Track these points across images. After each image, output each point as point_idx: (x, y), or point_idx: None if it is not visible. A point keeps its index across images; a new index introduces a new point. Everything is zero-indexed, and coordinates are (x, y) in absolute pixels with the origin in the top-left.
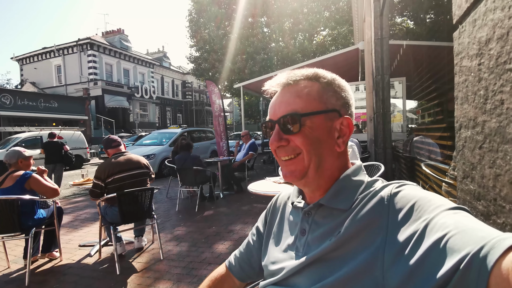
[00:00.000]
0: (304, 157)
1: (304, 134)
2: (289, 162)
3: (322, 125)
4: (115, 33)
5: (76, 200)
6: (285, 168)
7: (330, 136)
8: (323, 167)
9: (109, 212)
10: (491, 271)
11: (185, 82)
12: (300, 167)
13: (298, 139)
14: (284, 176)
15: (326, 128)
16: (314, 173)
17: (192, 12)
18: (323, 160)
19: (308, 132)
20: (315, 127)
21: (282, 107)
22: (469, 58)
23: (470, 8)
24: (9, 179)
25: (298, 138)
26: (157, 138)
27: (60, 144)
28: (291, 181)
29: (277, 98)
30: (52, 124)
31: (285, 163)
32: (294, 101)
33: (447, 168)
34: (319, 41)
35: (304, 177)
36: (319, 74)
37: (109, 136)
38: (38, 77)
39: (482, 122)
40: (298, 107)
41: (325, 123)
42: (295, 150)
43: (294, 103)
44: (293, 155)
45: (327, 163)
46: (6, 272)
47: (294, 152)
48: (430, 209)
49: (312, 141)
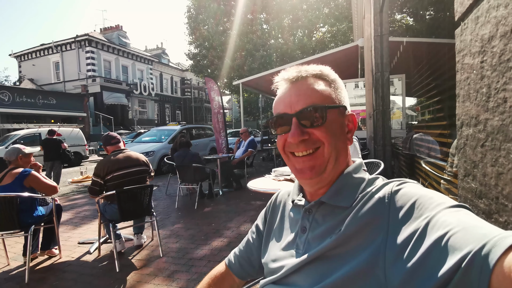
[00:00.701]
0: (324, 150)
1: (327, 126)
2: (307, 158)
3: (337, 119)
4: (113, 30)
5: (75, 197)
6: (302, 164)
7: (343, 131)
8: (339, 162)
9: (108, 209)
10: (493, 270)
11: (184, 79)
12: (320, 162)
13: (320, 132)
14: (301, 173)
15: (340, 123)
16: (332, 168)
17: (191, 9)
18: (339, 154)
19: (329, 125)
20: (333, 120)
21: (301, 100)
22: (471, 56)
23: (473, 5)
24: (8, 176)
25: (320, 131)
26: (156, 135)
27: (58, 142)
28: (308, 178)
29: (289, 91)
30: (50, 121)
31: (302, 159)
32: (312, 95)
33: (445, 165)
34: (318, 37)
35: (323, 173)
36: (325, 72)
37: (108, 133)
38: (36, 74)
39: (485, 120)
40: (319, 100)
41: (339, 118)
42: (315, 144)
43: (314, 96)
44: (312, 149)
45: (341, 157)
46: (5, 269)
47: (314, 145)
48: (431, 207)
49: (332, 134)
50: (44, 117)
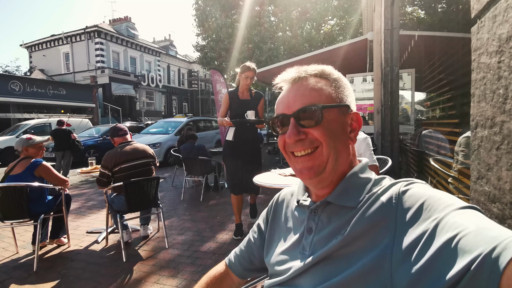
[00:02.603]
0: (323, 150)
1: (324, 126)
2: (306, 158)
3: (337, 119)
4: (122, 21)
5: (84, 187)
6: (301, 164)
7: (344, 130)
8: (339, 162)
9: (115, 200)
10: (503, 273)
11: (191, 71)
12: (319, 161)
13: (317, 132)
14: (300, 173)
15: (341, 122)
16: (331, 168)
17: (199, 0)
18: (339, 154)
19: (327, 124)
20: (332, 120)
21: (297, 100)
22: (488, 55)
23: (490, 2)
24: (19, 166)
25: (317, 130)
26: (163, 126)
27: (68, 132)
28: (307, 178)
29: (289, 92)
30: (60, 112)
31: (301, 159)
32: (310, 94)
33: (452, 162)
34: (327, 30)
35: (322, 173)
36: (326, 71)
37: (116, 124)
38: (46, 65)
39: (501, 122)
40: (316, 100)
41: (339, 117)
42: (313, 144)
43: (311, 96)
44: (310, 149)
45: (342, 157)
46: (14, 257)
47: (312, 145)
48: (440, 208)
49: (330, 134)
50: (54, 107)
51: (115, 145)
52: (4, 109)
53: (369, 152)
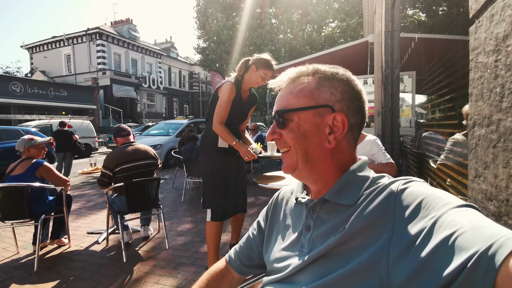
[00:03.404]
0: (292, 152)
1: (291, 129)
2: (284, 155)
3: (309, 120)
4: (123, 23)
5: (84, 188)
6: (283, 160)
7: (319, 131)
8: (313, 162)
9: (116, 201)
10: (499, 270)
11: (192, 73)
12: (291, 160)
13: (286, 134)
14: (282, 169)
15: (315, 124)
16: (304, 167)
17: (200, 3)
18: (310, 155)
19: (295, 127)
20: (302, 122)
21: (278, 102)
22: (485, 54)
23: (488, 2)
24: (20, 167)
25: (285, 132)
26: (164, 128)
27: (70, 133)
28: (285, 173)
29: (278, 94)
30: (61, 113)
31: (282, 156)
32: (286, 98)
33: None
34: (327, 33)
35: (296, 170)
36: (318, 70)
37: (119, 125)
38: (48, 66)
39: (497, 120)
40: (288, 103)
41: (313, 119)
42: (285, 144)
43: (286, 99)
44: (286, 148)
45: (317, 158)
46: (15, 257)
47: (285, 145)
48: (438, 206)
49: (297, 136)
50: (55, 109)
51: (117, 145)
52: (5, 111)
53: (382, 152)
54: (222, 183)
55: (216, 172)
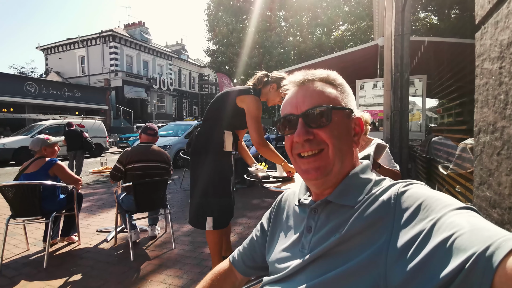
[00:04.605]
0: (329, 152)
1: (332, 128)
2: (313, 159)
3: (343, 121)
4: (136, 26)
5: (95, 187)
6: (308, 165)
7: (349, 133)
8: (344, 164)
9: (125, 200)
10: (496, 271)
11: (202, 75)
12: (325, 163)
13: (325, 133)
14: (307, 173)
15: (346, 125)
16: (337, 170)
17: (211, 6)
18: (344, 156)
19: (334, 126)
20: (338, 122)
21: (306, 101)
22: (490, 61)
23: (493, 9)
24: (33, 165)
25: (325, 132)
26: (173, 129)
27: (80, 132)
28: (313, 178)
29: (297, 93)
30: (75, 113)
31: (308, 160)
32: (318, 95)
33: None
34: (337, 36)
35: (328, 174)
36: (331, 76)
37: (150, 124)
38: (62, 67)
39: (501, 127)
40: (324, 101)
41: (344, 120)
42: (320, 145)
43: (320, 98)
44: (317, 150)
45: (347, 159)
46: (25, 254)
47: (318, 146)
48: (438, 208)
49: (337, 136)
50: (69, 109)
51: (140, 141)
52: (20, 110)
53: (389, 159)
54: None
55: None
